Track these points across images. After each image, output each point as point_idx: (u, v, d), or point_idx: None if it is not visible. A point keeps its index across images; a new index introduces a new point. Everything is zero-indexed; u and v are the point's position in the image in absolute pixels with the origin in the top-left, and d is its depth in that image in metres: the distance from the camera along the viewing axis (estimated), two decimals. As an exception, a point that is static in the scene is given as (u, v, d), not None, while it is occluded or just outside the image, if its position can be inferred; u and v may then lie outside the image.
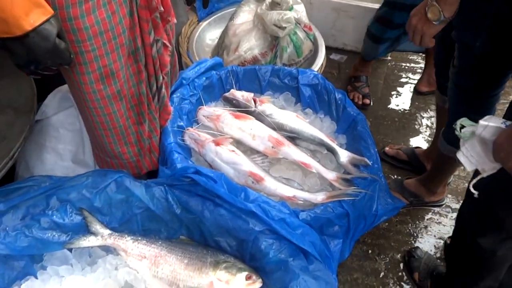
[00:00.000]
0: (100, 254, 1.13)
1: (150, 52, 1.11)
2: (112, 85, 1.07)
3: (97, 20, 0.95)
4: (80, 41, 0.96)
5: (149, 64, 1.14)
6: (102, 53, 1.00)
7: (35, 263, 1.07)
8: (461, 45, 1.22)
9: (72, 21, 0.92)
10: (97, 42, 0.98)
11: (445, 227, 1.67)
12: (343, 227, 1.23)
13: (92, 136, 1.24)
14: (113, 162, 1.25)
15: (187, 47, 1.97)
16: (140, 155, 1.28)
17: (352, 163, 1.34)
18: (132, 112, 1.18)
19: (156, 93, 1.19)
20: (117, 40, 1.01)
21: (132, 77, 1.12)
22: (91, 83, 1.03)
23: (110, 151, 1.21)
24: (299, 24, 1.81)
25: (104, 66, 1.02)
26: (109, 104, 1.10)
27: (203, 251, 1.09)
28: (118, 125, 1.15)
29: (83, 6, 0.92)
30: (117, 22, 0.99)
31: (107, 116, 1.12)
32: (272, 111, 1.46)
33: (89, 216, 1.09)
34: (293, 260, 1.02)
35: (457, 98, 1.32)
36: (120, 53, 1.04)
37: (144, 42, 1.09)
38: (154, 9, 1.04)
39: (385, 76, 2.38)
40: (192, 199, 1.12)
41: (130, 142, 1.21)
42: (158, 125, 1.28)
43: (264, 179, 1.26)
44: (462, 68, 1.25)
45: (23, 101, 1.35)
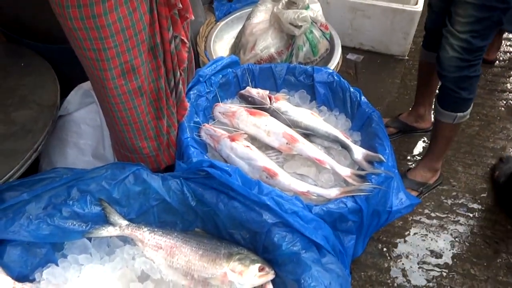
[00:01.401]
0: (118, 244, 1.16)
1: (169, 48, 1.14)
2: (133, 81, 1.10)
3: (119, 17, 0.98)
4: (103, 38, 0.99)
5: (168, 60, 1.17)
6: (124, 49, 1.04)
7: (56, 251, 1.11)
8: None
9: (96, 18, 0.96)
10: (119, 39, 1.01)
11: (462, 226, 1.65)
12: (356, 223, 1.23)
13: (113, 132, 1.27)
14: (133, 157, 1.29)
15: (205, 47, 2.00)
16: (160, 150, 1.31)
17: (367, 160, 1.34)
18: (152, 107, 1.21)
19: (174, 88, 1.22)
20: (138, 36, 1.04)
21: (152, 72, 1.15)
22: (113, 78, 1.07)
23: (131, 146, 1.24)
24: (315, 23, 1.83)
25: (126, 62, 1.06)
26: (130, 99, 1.13)
27: (217, 243, 1.12)
28: (138, 120, 1.18)
29: (106, 4, 0.95)
30: (138, 18, 1.02)
31: (128, 111, 1.15)
32: (287, 108, 1.47)
33: (108, 207, 1.12)
34: (306, 252, 1.03)
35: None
36: (141, 49, 1.07)
37: (163, 38, 1.12)
38: (173, 6, 1.07)
39: (402, 75, 2.37)
40: (207, 192, 1.15)
41: (150, 137, 1.24)
42: (176, 120, 1.31)
43: (278, 174, 1.27)
44: None
45: (47, 97, 1.41)
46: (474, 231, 1.64)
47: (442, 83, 1.50)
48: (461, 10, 1.35)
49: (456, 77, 1.44)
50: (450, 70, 1.43)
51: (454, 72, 1.43)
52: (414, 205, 1.37)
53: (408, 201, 1.33)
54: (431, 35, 1.68)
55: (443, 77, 1.47)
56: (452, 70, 1.43)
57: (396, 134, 1.98)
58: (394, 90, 2.29)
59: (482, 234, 1.63)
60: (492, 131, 2.04)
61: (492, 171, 1.85)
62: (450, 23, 1.40)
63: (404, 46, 2.42)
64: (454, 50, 1.39)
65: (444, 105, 1.54)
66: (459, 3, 1.35)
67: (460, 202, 1.74)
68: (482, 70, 1.49)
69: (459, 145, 1.97)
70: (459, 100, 1.50)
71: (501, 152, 1.93)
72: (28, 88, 1.44)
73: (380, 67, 2.43)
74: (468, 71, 1.43)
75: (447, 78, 1.46)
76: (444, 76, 1.46)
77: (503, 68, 2.40)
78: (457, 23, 1.37)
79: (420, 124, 1.96)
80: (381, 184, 1.25)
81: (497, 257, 1.55)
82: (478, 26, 1.35)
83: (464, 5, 1.33)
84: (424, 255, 1.57)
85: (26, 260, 1.05)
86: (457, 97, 1.49)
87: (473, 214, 1.69)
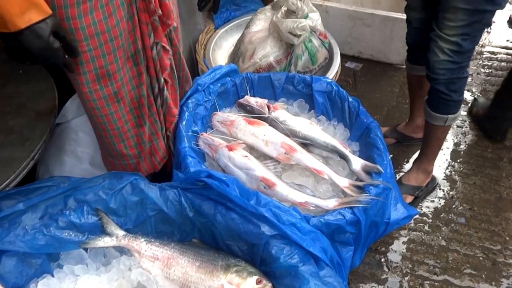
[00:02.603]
0: (115, 254, 1.16)
1: (151, 55, 1.14)
2: (108, 86, 1.10)
3: (94, 21, 0.99)
4: (77, 41, 0.99)
5: (150, 67, 1.17)
6: (99, 54, 1.04)
7: (52, 262, 1.11)
8: None
9: (70, 21, 0.96)
10: (94, 43, 1.01)
11: (460, 236, 1.65)
12: (354, 234, 1.22)
13: (97, 136, 1.27)
14: (114, 163, 1.29)
15: (204, 54, 2.00)
16: (140, 158, 1.30)
17: (365, 170, 1.34)
18: (132, 115, 1.21)
19: (158, 94, 1.22)
20: (114, 42, 1.04)
21: (132, 80, 1.15)
22: (87, 83, 1.07)
23: (111, 151, 1.25)
24: (314, 32, 1.83)
25: (101, 67, 1.06)
26: (106, 105, 1.13)
27: (214, 254, 1.11)
28: (116, 127, 1.19)
29: (81, 7, 0.96)
30: (114, 24, 1.02)
31: (105, 117, 1.15)
32: (285, 118, 1.47)
33: (104, 217, 1.11)
34: (304, 265, 1.02)
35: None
36: (117, 55, 1.07)
37: (145, 44, 1.12)
38: (153, 12, 1.07)
39: (400, 84, 2.37)
40: (204, 202, 1.14)
41: (129, 145, 1.24)
42: (160, 128, 1.30)
43: (276, 185, 1.27)
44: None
45: (45, 105, 1.40)
46: (473, 242, 1.63)
47: (432, 86, 1.50)
48: (451, 15, 1.35)
49: (447, 80, 1.45)
50: (440, 73, 1.44)
51: (444, 75, 1.44)
52: (412, 216, 1.37)
53: (406, 212, 1.34)
54: (413, 50, 1.70)
55: (434, 80, 1.48)
56: (443, 73, 1.43)
57: (394, 144, 1.98)
58: (393, 98, 2.30)
59: (480, 245, 1.62)
60: (490, 141, 2.04)
61: (470, 112, 2.15)
62: (438, 27, 1.40)
63: (403, 55, 2.41)
64: (444, 54, 1.40)
65: (435, 108, 1.54)
66: (449, 9, 1.35)
67: (458, 213, 1.73)
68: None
69: (457, 154, 1.97)
70: (450, 103, 1.51)
71: (499, 162, 1.93)
72: (26, 96, 1.43)
73: (379, 76, 2.43)
74: (458, 73, 1.44)
75: (438, 81, 1.46)
76: (434, 80, 1.47)
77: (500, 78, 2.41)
78: (446, 28, 1.37)
79: (418, 134, 1.96)
80: (379, 195, 1.25)
81: (495, 269, 1.55)
82: (469, 29, 1.36)
83: (455, 10, 1.34)
84: (422, 266, 1.56)
85: (21, 270, 1.04)
86: (448, 99, 1.50)
87: (471, 225, 1.69)
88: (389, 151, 1.92)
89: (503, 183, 1.83)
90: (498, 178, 1.85)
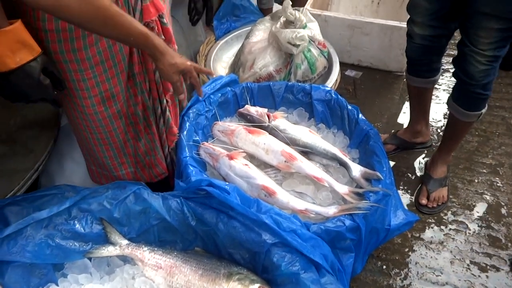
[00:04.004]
0: (118, 263, 1.17)
1: (153, 78, 1.17)
2: (113, 107, 1.14)
3: (99, 51, 1.02)
4: (82, 69, 1.03)
5: (153, 89, 1.20)
6: (103, 79, 1.07)
7: (57, 271, 1.12)
8: None
9: (76, 52, 0.99)
10: (98, 70, 1.05)
11: (462, 243, 1.65)
12: (354, 241, 1.24)
13: (90, 154, 1.29)
14: (112, 176, 1.31)
15: (205, 65, 2.03)
16: (137, 168, 1.34)
17: (365, 177, 1.35)
18: (132, 127, 1.24)
19: (161, 115, 1.25)
20: (117, 66, 1.08)
21: (132, 97, 1.19)
22: (93, 106, 1.11)
23: (110, 164, 1.27)
24: (313, 41, 1.86)
25: (105, 90, 1.09)
26: (110, 123, 1.17)
27: (217, 262, 1.12)
28: (118, 140, 1.22)
29: (87, 40, 0.99)
30: (117, 50, 1.06)
31: (108, 133, 1.19)
32: (285, 126, 1.49)
33: (108, 227, 1.13)
34: (305, 272, 1.03)
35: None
36: (121, 78, 1.11)
37: (147, 68, 1.15)
38: None
39: (400, 91, 2.39)
40: (207, 211, 1.16)
41: (128, 153, 1.28)
42: (159, 146, 1.33)
43: (277, 193, 1.29)
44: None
45: (48, 117, 1.43)
46: (474, 248, 1.64)
47: (468, 89, 1.51)
48: (485, 34, 1.36)
49: (485, 83, 1.48)
50: (480, 80, 1.47)
51: (483, 80, 1.47)
52: (413, 222, 1.38)
53: (406, 219, 1.35)
54: (413, 64, 1.70)
55: (472, 86, 1.50)
56: (482, 79, 1.46)
57: (394, 150, 1.99)
58: (393, 106, 2.31)
59: (483, 252, 1.62)
60: (491, 147, 2.05)
61: None
62: (472, 43, 1.40)
63: (402, 63, 2.44)
64: (484, 64, 1.42)
65: (470, 108, 1.57)
66: (482, 29, 1.35)
67: (459, 219, 1.74)
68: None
69: (458, 161, 1.98)
70: (485, 100, 1.56)
71: (499, 168, 1.94)
72: (30, 108, 1.46)
73: (378, 83, 2.45)
74: (494, 74, 1.48)
75: (476, 86, 1.49)
76: (473, 85, 1.49)
77: (501, 85, 2.42)
78: (481, 44, 1.39)
79: (418, 139, 1.98)
80: (379, 201, 1.26)
81: (498, 276, 1.55)
82: (504, 42, 1.38)
83: (489, 30, 1.35)
84: (424, 272, 1.56)
85: (27, 280, 1.06)
86: (483, 98, 1.54)
87: (473, 231, 1.69)
88: (390, 158, 1.95)
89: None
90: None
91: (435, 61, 1.67)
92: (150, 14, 1.06)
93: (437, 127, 2.17)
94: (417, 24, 1.55)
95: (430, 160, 1.87)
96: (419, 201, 1.78)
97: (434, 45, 1.58)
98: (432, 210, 1.75)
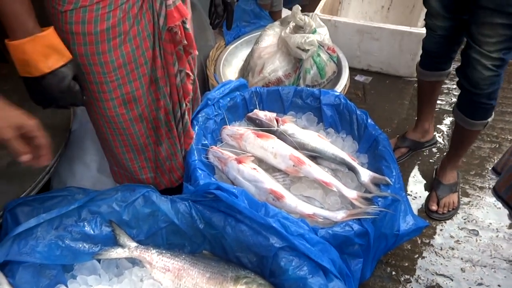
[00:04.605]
0: (127, 265, 1.18)
1: (174, 82, 1.18)
2: (134, 110, 1.15)
3: (122, 54, 1.04)
4: (106, 72, 1.04)
5: (174, 93, 1.21)
6: (125, 81, 1.09)
7: (66, 272, 1.13)
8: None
9: (100, 55, 1.01)
10: (121, 73, 1.06)
11: (473, 249, 1.63)
12: (363, 246, 1.23)
13: (112, 156, 1.30)
14: (133, 178, 1.32)
15: (214, 70, 2.05)
16: (157, 173, 1.35)
17: (373, 182, 1.34)
18: (153, 131, 1.25)
19: (180, 119, 1.26)
20: (139, 70, 1.09)
21: (154, 102, 1.20)
22: (114, 107, 1.12)
23: (131, 167, 1.28)
24: (323, 46, 1.86)
25: (127, 93, 1.11)
26: (131, 125, 1.18)
27: (224, 266, 1.13)
28: (138, 143, 1.23)
29: (111, 42, 1.01)
30: (140, 54, 1.08)
31: (129, 135, 1.20)
32: (294, 131, 1.49)
33: (117, 229, 1.14)
34: (312, 277, 1.03)
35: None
36: (143, 82, 1.12)
37: (169, 72, 1.16)
38: (178, 43, 1.12)
39: (410, 96, 2.38)
40: (215, 215, 1.16)
41: (149, 158, 1.29)
42: (179, 150, 1.34)
43: (285, 197, 1.29)
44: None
45: (60, 121, 1.46)
46: (486, 255, 1.61)
47: (472, 99, 1.51)
48: (489, 31, 1.34)
49: (489, 92, 1.47)
50: (484, 88, 1.45)
51: (488, 88, 1.45)
52: (422, 228, 1.37)
53: (416, 224, 1.33)
54: (431, 57, 1.70)
55: (477, 95, 1.48)
56: (486, 88, 1.45)
57: (407, 153, 1.98)
58: (403, 111, 2.30)
59: (494, 259, 1.60)
60: (503, 153, 2.02)
61: None
62: (476, 43, 1.39)
63: (412, 68, 2.43)
64: (489, 70, 1.40)
65: (477, 117, 1.56)
66: (485, 24, 1.34)
67: (470, 226, 1.72)
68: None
69: (470, 167, 1.96)
70: (490, 110, 1.54)
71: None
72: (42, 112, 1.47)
73: (388, 88, 2.44)
74: (499, 83, 1.46)
75: (481, 95, 1.48)
76: (477, 94, 1.48)
77: (513, 89, 2.40)
78: (485, 44, 1.36)
79: (425, 138, 2.00)
80: (388, 207, 1.26)
81: (510, 284, 1.52)
82: (510, 43, 1.35)
83: (492, 26, 1.33)
84: (434, 279, 1.54)
85: (37, 281, 1.07)
86: (488, 107, 1.53)
87: (484, 238, 1.67)
88: (402, 162, 1.94)
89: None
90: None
91: (455, 51, 1.67)
92: (174, 19, 1.07)
93: (447, 131, 2.15)
94: (434, 16, 1.56)
95: (439, 166, 1.85)
96: (429, 207, 1.76)
97: (456, 35, 1.58)
98: (442, 216, 1.74)
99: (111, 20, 0.98)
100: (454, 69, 1.66)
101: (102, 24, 0.97)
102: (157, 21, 1.07)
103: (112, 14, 0.97)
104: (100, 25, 0.97)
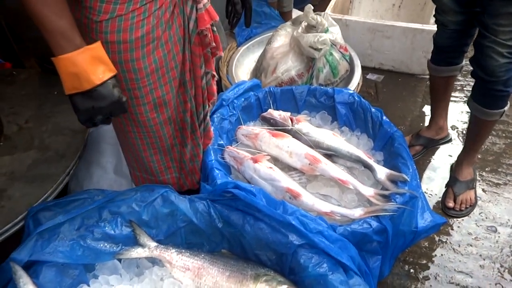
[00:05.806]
0: (147, 265, 1.19)
1: (200, 84, 1.20)
2: (164, 113, 1.16)
3: (154, 59, 1.05)
4: (139, 78, 1.05)
5: (198, 95, 1.22)
6: (157, 86, 1.10)
7: (88, 272, 1.15)
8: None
9: (134, 62, 1.02)
10: (153, 78, 1.07)
11: (491, 246, 1.61)
12: (381, 243, 1.22)
13: (137, 160, 1.30)
14: (157, 180, 1.33)
15: (227, 71, 2.06)
16: (181, 174, 1.36)
17: (390, 180, 1.34)
18: (180, 133, 1.26)
19: (202, 120, 1.27)
20: (170, 74, 1.10)
21: (182, 104, 1.21)
22: (146, 112, 1.13)
23: (157, 168, 1.29)
24: (335, 45, 1.86)
25: (158, 97, 1.12)
26: (161, 128, 1.19)
27: (244, 264, 1.13)
28: (166, 145, 1.24)
29: (145, 49, 1.02)
30: (171, 58, 1.09)
31: (158, 138, 1.21)
32: (308, 130, 1.49)
33: (137, 229, 1.16)
34: (333, 274, 1.03)
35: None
36: (173, 85, 1.13)
37: (195, 75, 1.17)
38: (207, 45, 1.13)
39: (423, 94, 2.36)
40: (233, 213, 1.17)
41: (175, 158, 1.29)
42: (201, 150, 1.35)
43: (301, 195, 1.29)
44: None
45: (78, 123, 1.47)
46: (505, 252, 1.60)
47: (488, 87, 1.50)
48: (504, 21, 1.36)
49: (506, 79, 1.46)
50: (500, 75, 1.45)
51: (504, 75, 1.45)
52: (440, 225, 1.36)
53: (434, 221, 1.32)
54: (444, 52, 1.71)
55: (492, 83, 1.48)
56: (503, 75, 1.45)
57: (421, 151, 1.97)
58: (416, 108, 2.29)
59: None
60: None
61: None
62: (491, 33, 1.40)
63: (424, 65, 2.40)
64: (504, 57, 1.41)
65: (492, 106, 1.55)
66: (500, 15, 1.35)
67: (488, 222, 1.70)
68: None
69: (485, 163, 1.94)
70: (506, 97, 1.54)
71: None
72: (61, 115, 1.51)
73: (401, 86, 2.43)
74: None
75: (497, 83, 1.47)
76: (492, 82, 1.48)
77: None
78: (501, 33, 1.38)
79: (440, 135, 1.99)
80: (405, 203, 1.25)
81: (529, 279, 1.51)
82: None
83: (508, 16, 1.34)
84: (453, 276, 1.53)
85: (60, 280, 1.08)
86: (505, 95, 1.52)
87: (502, 234, 1.65)
88: (417, 159, 1.93)
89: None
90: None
91: (468, 44, 1.67)
92: (205, 22, 1.09)
93: (462, 128, 2.13)
94: (445, 12, 1.57)
95: (455, 162, 1.84)
96: (446, 204, 1.75)
97: (468, 28, 1.58)
98: (460, 213, 1.72)
99: (145, 27, 0.99)
100: (466, 63, 1.66)
101: (137, 32, 0.98)
102: (187, 25, 1.08)
103: (146, 21, 0.98)
104: (135, 33, 0.98)
